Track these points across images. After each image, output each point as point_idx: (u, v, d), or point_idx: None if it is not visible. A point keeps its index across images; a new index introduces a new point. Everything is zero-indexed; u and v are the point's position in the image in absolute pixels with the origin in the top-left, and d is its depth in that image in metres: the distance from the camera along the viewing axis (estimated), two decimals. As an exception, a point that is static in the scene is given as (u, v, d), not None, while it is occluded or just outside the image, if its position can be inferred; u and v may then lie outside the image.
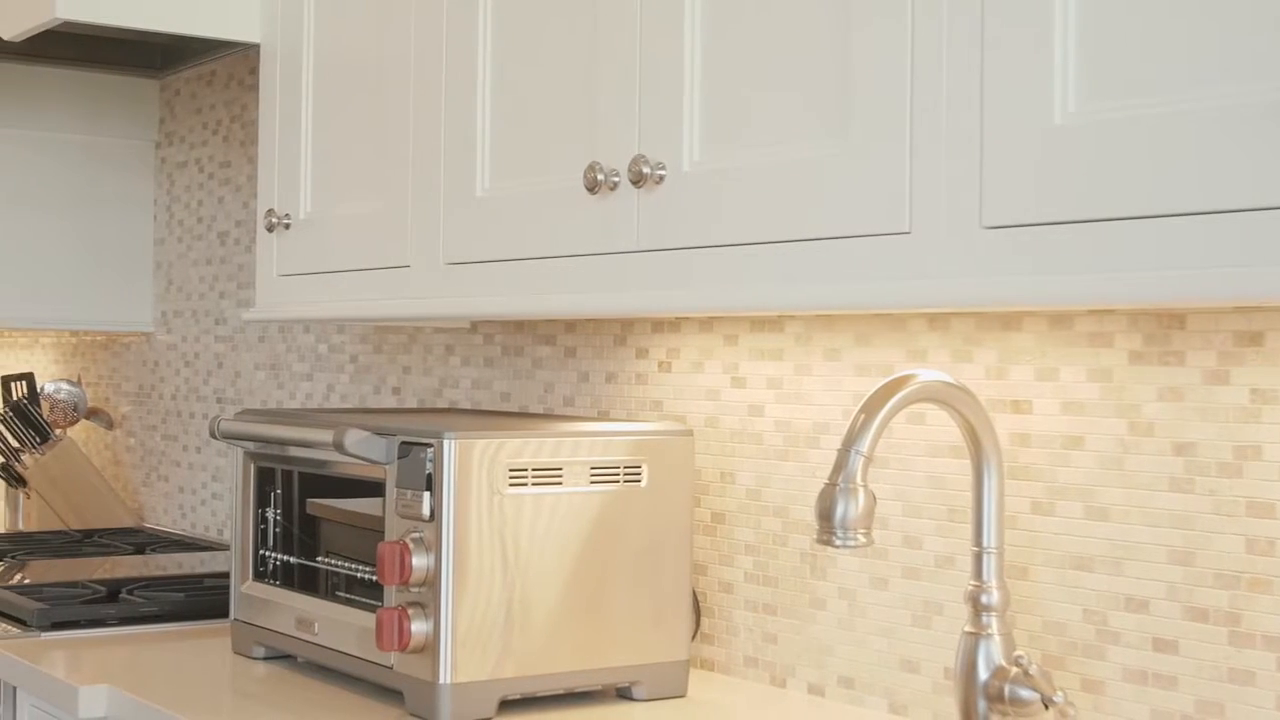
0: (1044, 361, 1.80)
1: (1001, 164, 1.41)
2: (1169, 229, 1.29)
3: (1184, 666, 1.66)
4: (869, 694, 2.00)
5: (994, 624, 1.71)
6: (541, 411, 2.53)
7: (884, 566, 1.98)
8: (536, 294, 1.97)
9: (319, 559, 2.19)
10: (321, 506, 2.21)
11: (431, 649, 1.91)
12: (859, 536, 1.58)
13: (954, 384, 1.68)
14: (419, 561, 1.91)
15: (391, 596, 1.97)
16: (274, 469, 2.29)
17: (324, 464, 2.16)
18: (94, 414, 3.91)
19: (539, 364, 2.55)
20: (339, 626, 2.09)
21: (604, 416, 2.40)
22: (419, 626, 1.91)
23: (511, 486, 1.94)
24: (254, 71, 3.34)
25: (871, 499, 1.59)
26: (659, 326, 2.31)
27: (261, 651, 2.27)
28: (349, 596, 2.11)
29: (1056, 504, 1.79)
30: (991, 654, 1.70)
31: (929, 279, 1.48)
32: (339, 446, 1.97)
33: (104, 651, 2.32)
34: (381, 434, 1.99)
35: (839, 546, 1.58)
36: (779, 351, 2.12)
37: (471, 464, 1.91)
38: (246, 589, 2.30)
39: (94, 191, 3.69)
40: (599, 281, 1.87)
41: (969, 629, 1.72)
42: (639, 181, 1.78)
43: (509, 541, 1.94)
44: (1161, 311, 1.68)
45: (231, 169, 3.45)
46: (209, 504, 3.51)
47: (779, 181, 1.64)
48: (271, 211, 2.51)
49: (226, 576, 2.71)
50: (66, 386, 3.87)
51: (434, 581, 1.91)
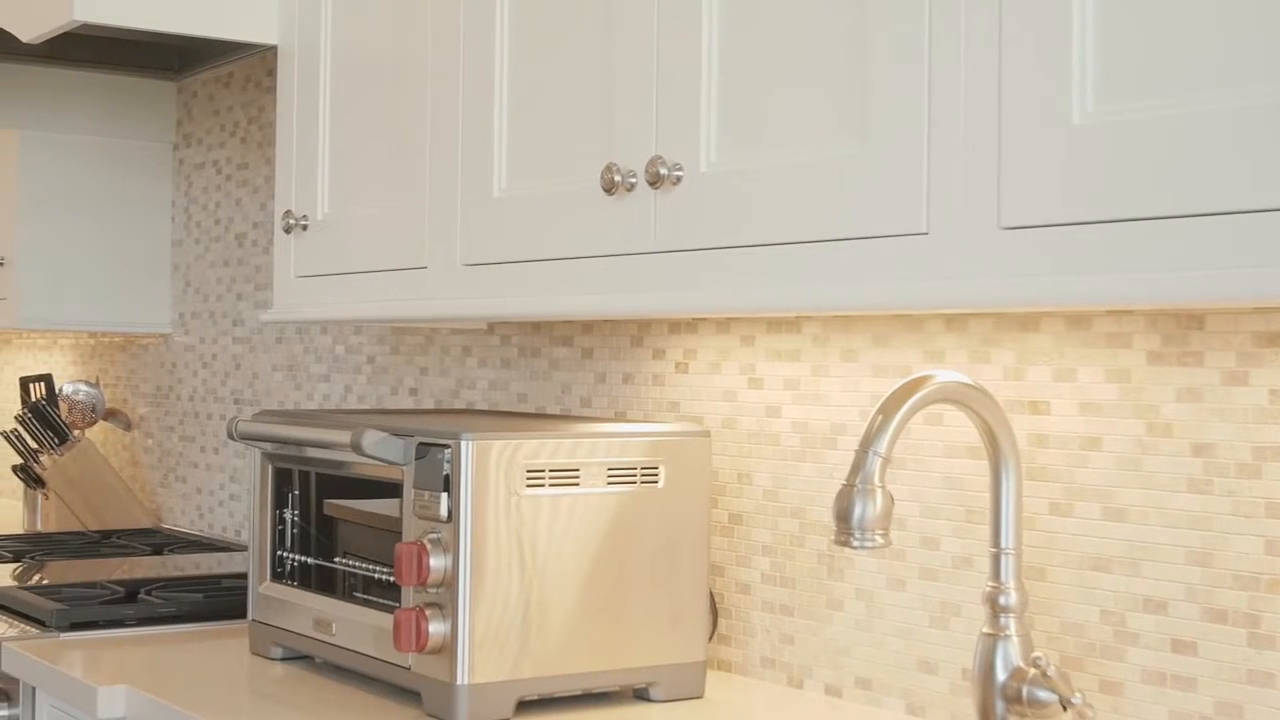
0: (1062, 362, 1.80)
1: (1020, 164, 1.41)
2: (1188, 229, 1.29)
3: (1203, 668, 1.66)
4: (886, 695, 1.99)
5: (1012, 625, 1.70)
6: (558, 412, 2.53)
7: (901, 567, 1.98)
8: (554, 295, 1.97)
9: (336, 560, 2.19)
10: (338, 507, 2.21)
11: (449, 650, 1.91)
12: (876, 538, 1.58)
13: (972, 385, 1.68)
14: (436, 562, 1.92)
15: (409, 597, 1.97)
16: (291, 470, 2.29)
17: (341, 465, 2.16)
18: (112, 415, 3.92)
19: (556, 365, 2.55)
20: (356, 627, 2.09)
21: (621, 417, 2.40)
22: (436, 627, 1.92)
23: (529, 487, 1.94)
24: (271, 73, 3.35)
25: (889, 500, 1.59)
26: (676, 327, 2.31)
27: (279, 652, 2.28)
28: (366, 597, 2.11)
29: (1074, 505, 1.78)
30: (1009, 655, 1.70)
31: (947, 280, 1.48)
32: (356, 448, 1.98)
33: (122, 652, 2.32)
34: (399, 435, 1.99)
35: (856, 548, 1.58)
36: (796, 352, 2.12)
37: (489, 465, 1.92)
38: (264, 590, 2.30)
39: (112, 193, 3.70)
40: (616, 282, 1.87)
41: (987, 630, 1.72)
42: (656, 182, 1.78)
43: (526, 542, 1.94)
44: (1180, 312, 1.68)
45: (249, 170, 3.45)
46: (226, 505, 3.52)
47: (796, 182, 1.64)
48: (289, 213, 2.52)
49: (244, 577, 2.72)
50: (85, 388, 3.88)
51: (451, 582, 1.91)
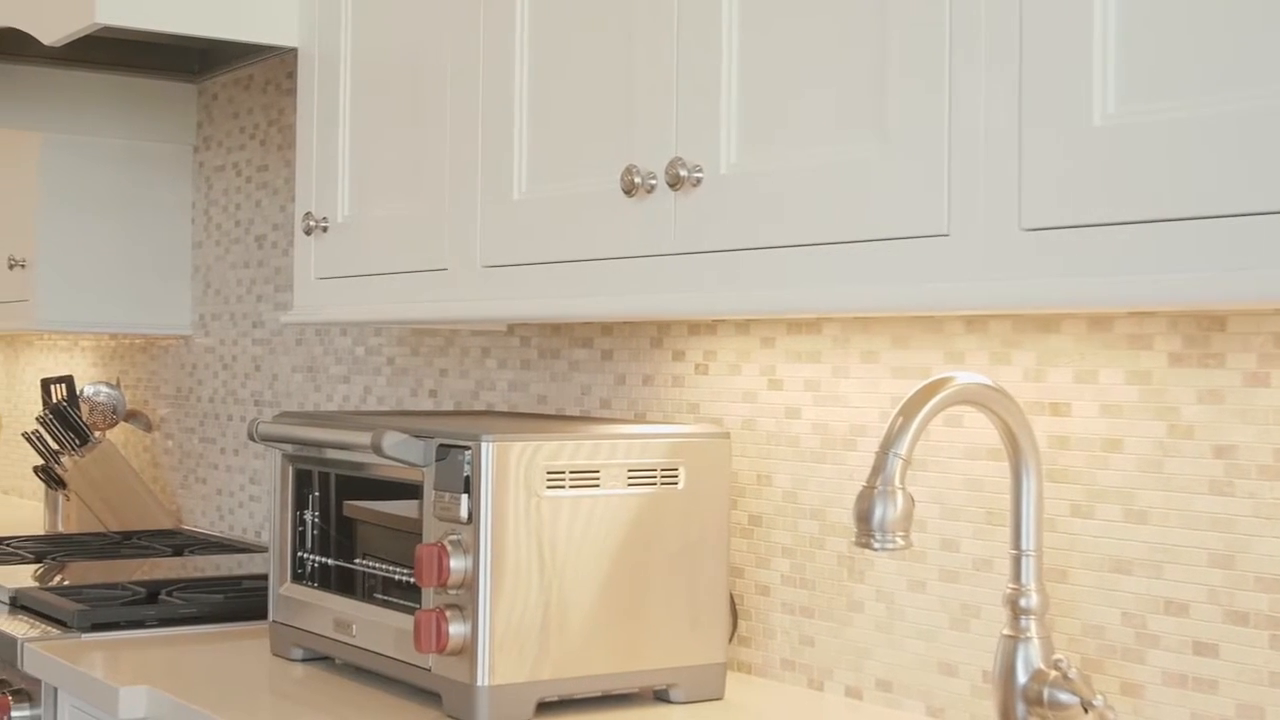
0: (1083, 364, 1.79)
1: (1041, 166, 1.41)
2: (1209, 230, 1.28)
3: (1224, 670, 1.65)
4: (907, 697, 1.99)
5: (1033, 627, 1.70)
6: (578, 414, 2.53)
7: (922, 569, 1.98)
8: (574, 296, 1.97)
9: (356, 561, 2.19)
10: (358, 509, 2.21)
11: (469, 651, 1.91)
12: (897, 539, 1.58)
13: (992, 386, 1.68)
14: (457, 564, 1.92)
15: (429, 598, 1.97)
16: (311, 471, 2.29)
17: (361, 466, 2.16)
18: (133, 416, 3.93)
19: (576, 366, 2.55)
20: (377, 628, 2.09)
21: (640, 419, 2.40)
22: (457, 628, 1.92)
23: (549, 489, 1.95)
24: (291, 75, 3.36)
25: (910, 502, 1.59)
26: (696, 329, 2.31)
27: (299, 653, 2.28)
28: (386, 598, 2.11)
29: (1095, 507, 1.78)
30: (1030, 657, 1.70)
31: (968, 281, 1.48)
32: (377, 449, 1.98)
33: (143, 653, 2.33)
34: (419, 436, 1.99)
35: (877, 549, 1.58)
36: (816, 354, 2.12)
37: (509, 466, 1.92)
38: (285, 591, 2.31)
39: (132, 196, 3.71)
40: (636, 284, 1.87)
41: (1008, 632, 1.71)
42: (676, 184, 1.78)
43: (546, 544, 1.94)
44: (1201, 313, 1.67)
45: (269, 173, 3.46)
46: (246, 506, 3.53)
47: (816, 184, 1.64)
48: (309, 214, 2.52)
49: (264, 578, 2.72)
50: (105, 389, 3.89)
51: (472, 584, 1.91)
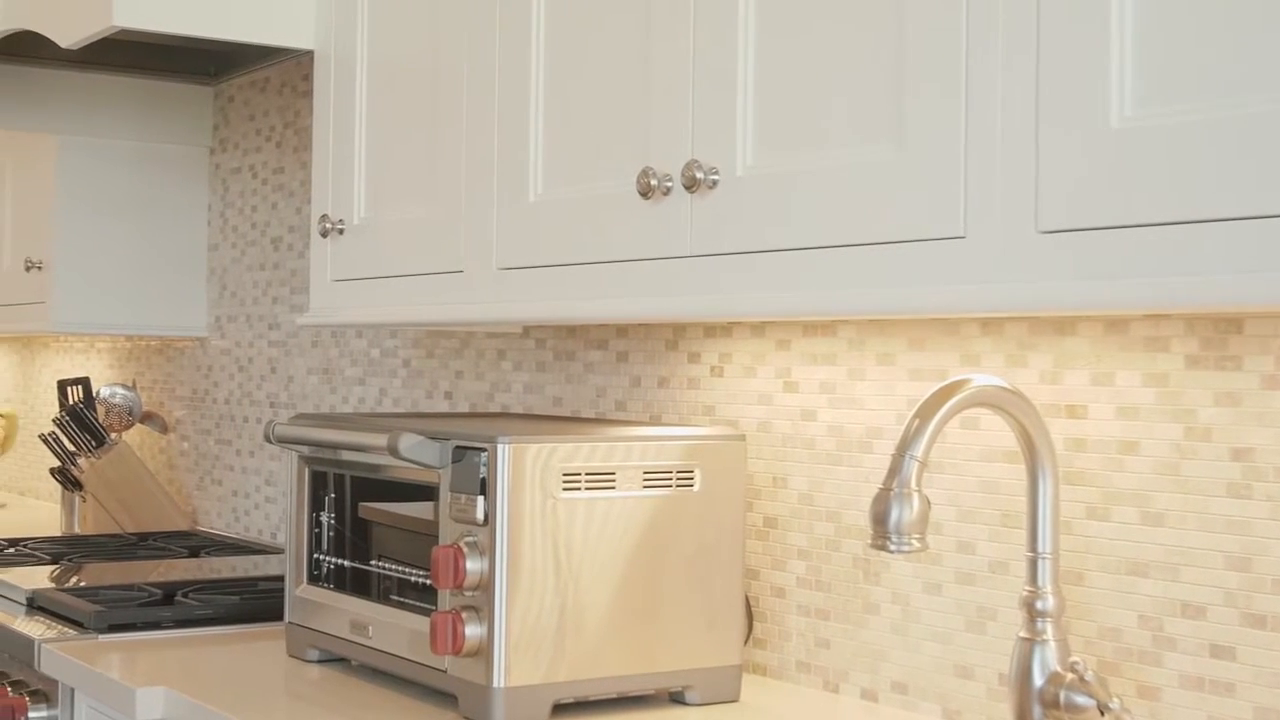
0: (1099, 366, 1.79)
1: (1057, 168, 1.41)
2: (1227, 233, 1.28)
3: (1242, 673, 1.65)
4: (923, 700, 1.99)
5: (1049, 629, 1.70)
6: (593, 416, 2.53)
7: (937, 572, 1.97)
8: (590, 299, 1.97)
9: (372, 563, 2.20)
10: (373, 510, 2.22)
11: (485, 653, 1.91)
12: (913, 542, 1.58)
13: (1009, 389, 1.68)
14: (473, 565, 1.92)
15: (445, 600, 1.98)
16: (327, 473, 2.30)
17: (376, 468, 2.17)
18: (149, 418, 3.94)
19: (591, 368, 2.55)
20: (393, 630, 2.10)
21: (656, 421, 2.40)
22: (473, 630, 1.92)
23: (565, 491, 1.95)
24: (307, 78, 3.36)
25: (926, 504, 1.59)
26: (711, 331, 2.31)
27: (315, 654, 2.29)
28: (402, 600, 2.12)
29: (1112, 509, 1.78)
30: (1047, 660, 1.70)
31: (984, 284, 1.48)
32: (393, 451, 1.98)
33: (160, 654, 2.33)
34: (435, 438, 1.99)
35: (893, 551, 1.58)
36: (832, 356, 2.12)
37: (525, 468, 1.92)
38: (301, 592, 2.31)
39: (149, 198, 3.72)
40: (652, 286, 1.87)
41: (1024, 634, 1.71)
42: (692, 186, 1.78)
43: (562, 546, 1.94)
44: (1218, 316, 1.67)
45: (285, 175, 3.47)
46: (262, 508, 3.54)
47: (833, 186, 1.64)
48: (325, 217, 2.53)
49: (280, 580, 2.73)
50: (122, 391, 3.90)
51: (488, 585, 1.91)
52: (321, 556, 2.30)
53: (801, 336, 2.16)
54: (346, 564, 2.25)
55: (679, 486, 2.03)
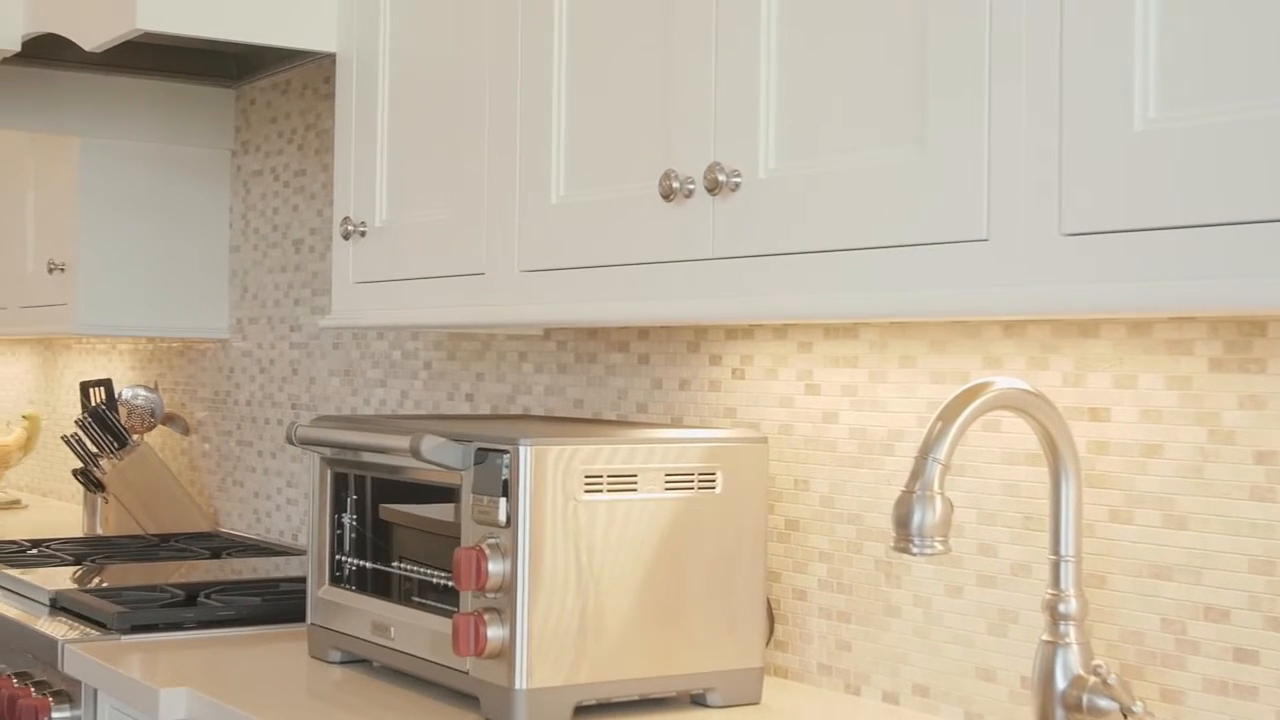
0: (1122, 368, 1.79)
1: (1081, 171, 1.41)
2: (1250, 235, 1.28)
3: (1265, 677, 1.65)
4: (944, 702, 1.99)
5: (1072, 633, 1.70)
6: (615, 418, 2.54)
7: (959, 574, 1.97)
8: (612, 301, 1.97)
9: (393, 564, 2.20)
10: (394, 512, 2.22)
11: (507, 654, 1.92)
12: (936, 544, 1.58)
13: (1031, 391, 1.68)
14: (495, 567, 1.92)
15: (468, 602, 1.98)
16: (349, 474, 2.30)
17: (397, 470, 2.17)
18: (170, 420, 3.95)
19: (612, 370, 2.55)
20: (415, 631, 2.10)
21: (677, 423, 2.40)
22: (495, 632, 1.93)
23: (587, 493, 1.95)
24: (328, 80, 3.37)
25: (949, 507, 1.59)
26: (733, 333, 2.31)
27: (337, 656, 2.29)
28: (423, 601, 2.12)
29: (1135, 512, 1.77)
30: (1069, 663, 1.69)
31: (1008, 286, 1.48)
32: (415, 453, 1.99)
33: (182, 654, 2.34)
34: (457, 440, 2.00)
35: (916, 554, 1.58)
36: (854, 358, 2.12)
37: (547, 470, 1.92)
38: (323, 594, 2.32)
39: (171, 200, 3.73)
40: (674, 289, 1.87)
41: (1047, 637, 1.71)
42: (714, 189, 1.78)
43: (584, 547, 1.95)
44: (1242, 318, 1.67)
45: (306, 177, 3.48)
46: (283, 509, 3.55)
47: (855, 189, 1.64)
48: (347, 219, 2.54)
49: (301, 581, 2.74)
50: (144, 392, 3.91)
51: (510, 587, 1.92)
52: (343, 558, 2.31)
53: (823, 339, 2.16)
54: (368, 565, 2.26)
55: (701, 489, 2.03)
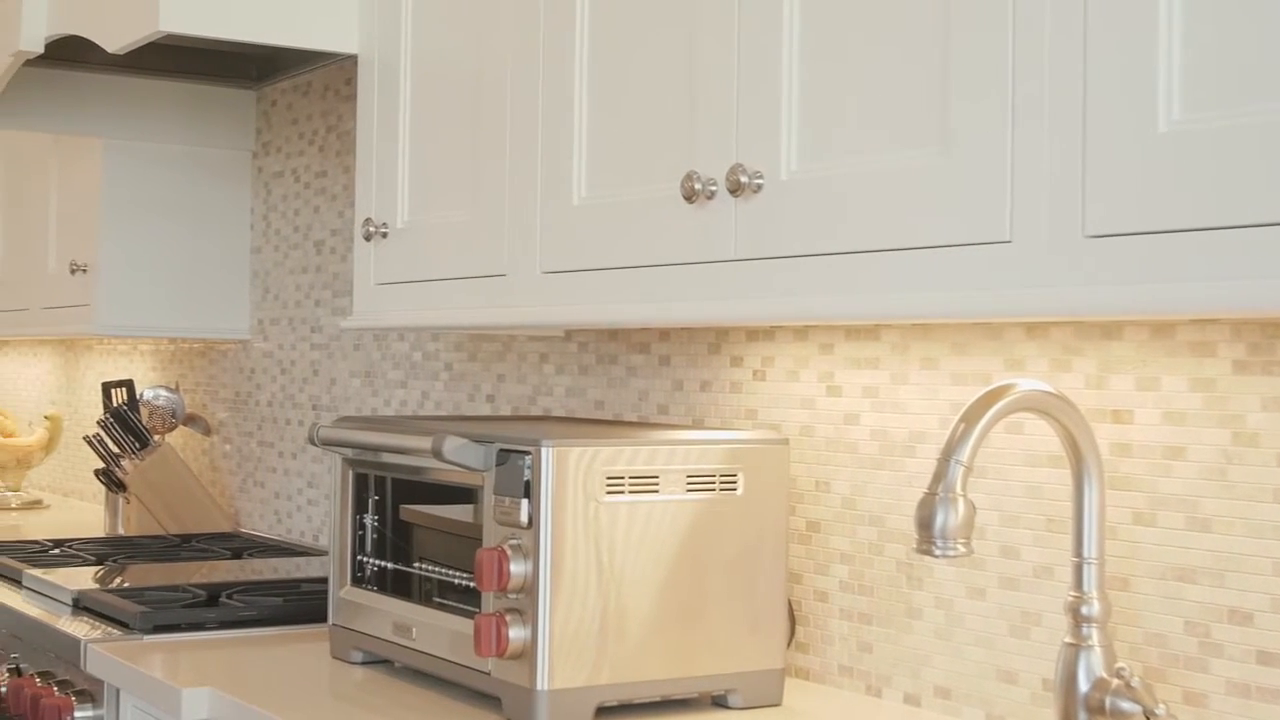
0: (1145, 371, 1.79)
1: (1105, 172, 1.41)
2: (1275, 237, 1.28)
3: (1289, 680, 1.64)
4: (966, 704, 1.99)
5: (1095, 635, 1.69)
6: (635, 419, 2.54)
7: (981, 576, 1.97)
8: (633, 303, 1.97)
9: (414, 565, 2.21)
10: (414, 513, 2.23)
11: (529, 655, 1.92)
12: (959, 546, 1.58)
13: (1054, 393, 1.67)
14: (517, 568, 1.93)
15: (489, 602, 1.98)
16: (369, 475, 2.31)
17: (418, 470, 2.18)
18: (191, 420, 3.96)
19: (633, 372, 2.56)
20: (436, 632, 2.10)
21: (698, 425, 2.40)
22: (517, 633, 1.93)
23: (609, 494, 1.95)
24: (349, 82, 3.38)
25: (971, 509, 1.58)
26: (754, 335, 2.31)
27: (359, 656, 2.30)
28: (445, 602, 2.12)
29: (1158, 515, 1.77)
30: (1092, 665, 1.69)
31: (1031, 288, 1.47)
32: (438, 454, 1.99)
33: (204, 654, 2.35)
34: (479, 441, 2.00)
35: (938, 556, 1.58)
36: (875, 360, 2.12)
37: (569, 471, 1.93)
38: (345, 594, 2.32)
39: (192, 201, 3.74)
40: (696, 290, 1.87)
41: (1069, 640, 1.71)
42: (737, 191, 1.78)
43: (605, 549, 1.95)
44: (1266, 320, 1.66)
45: (327, 179, 3.49)
46: (304, 510, 3.55)
47: (878, 190, 1.64)
48: (369, 220, 2.54)
49: (322, 581, 2.74)
50: (165, 393, 3.92)
51: (531, 588, 1.92)
52: (364, 558, 2.31)
53: (844, 340, 2.16)
54: (389, 566, 2.26)
55: (722, 490, 2.03)
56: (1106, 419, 1.82)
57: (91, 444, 3.86)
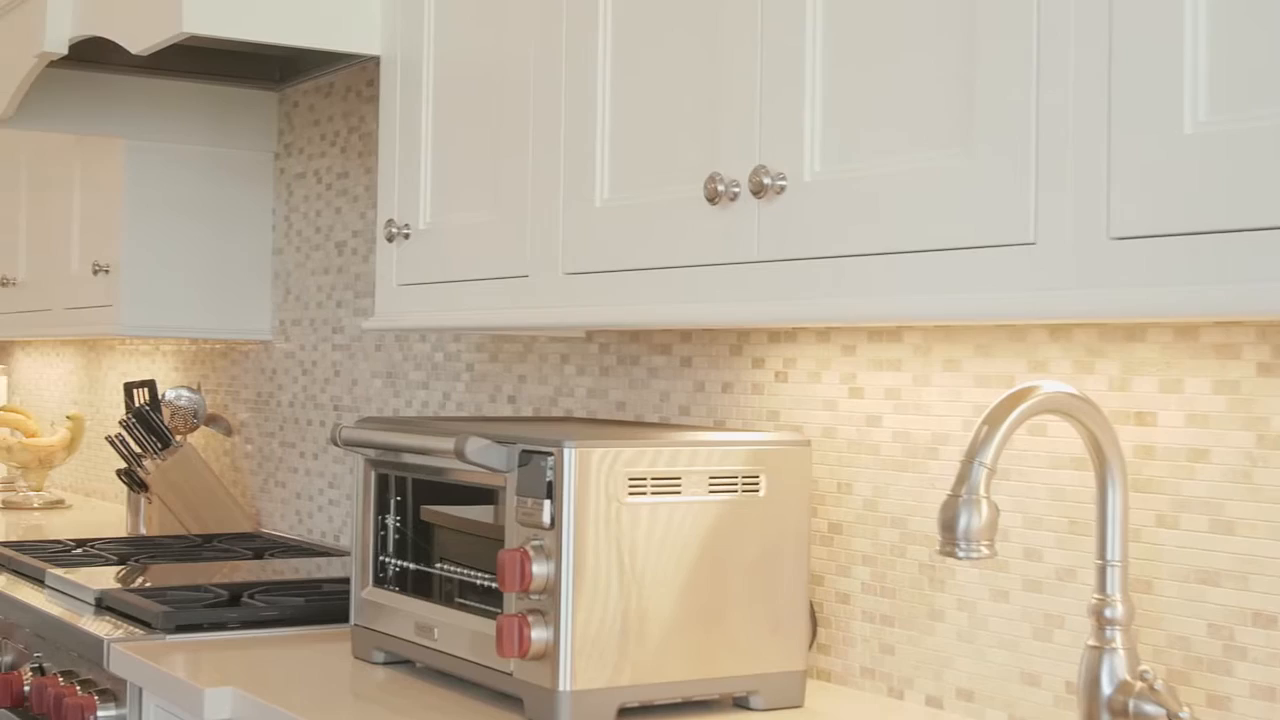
0: (1169, 373, 1.78)
1: (1130, 174, 1.40)
2: (1302, 239, 1.27)
3: (1314, 683, 1.64)
4: (988, 707, 1.98)
5: (1118, 638, 1.69)
6: (657, 420, 2.54)
7: (1004, 579, 1.97)
8: (656, 304, 1.97)
9: (436, 565, 2.21)
10: (435, 513, 2.23)
11: (551, 656, 1.92)
12: (982, 548, 1.58)
13: (1077, 395, 1.67)
14: (539, 569, 1.93)
15: (511, 603, 1.98)
16: (391, 476, 2.31)
17: (439, 471, 2.18)
18: (213, 420, 3.98)
19: (654, 373, 2.56)
20: (458, 632, 2.11)
21: (720, 426, 2.40)
22: (539, 633, 1.93)
23: (631, 495, 1.95)
24: (371, 83, 3.39)
25: (995, 511, 1.58)
26: (775, 336, 2.31)
27: (381, 656, 2.30)
28: (466, 602, 2.13)
29: (1181, 517, 1.77)
30: (1116, 668, 1.69)
31: (1055, 290, 1.47)
32: (460, 454, 1.99)
33: (226, 654, 2.35)
34: (501, 442, 2.00)
35: (962, 558, 1.57)
36: (897, 362, 2.12)
37: (591, 472, 1.93)
38: (367, 595, 2.33)
39: (214, 202, 3.75)
40: (719, 292, 1.87)
41: (1093, 643, 1.70)
42: (759, 192, 1.78)
43: (627, 550, 1.95)
44: (1291, 323, 1.66)
45: (349, 180, 3.49)
46: (325, 510, 3.56)
47: (901, 192, 1.63)
48: (391, 221, 2.54)
49: (344, 582, 2.75)
50: (187, 393, 3.94)
51: (554, 589, 1.92)
52: (386, 559, 2.32)
53: (867, 342, 2.16)
54: (410, 566, 2.26)
55: (744, 491, 2.03)
56: (1130, 421, 1.82)
57: (113, 444, 3.87)
